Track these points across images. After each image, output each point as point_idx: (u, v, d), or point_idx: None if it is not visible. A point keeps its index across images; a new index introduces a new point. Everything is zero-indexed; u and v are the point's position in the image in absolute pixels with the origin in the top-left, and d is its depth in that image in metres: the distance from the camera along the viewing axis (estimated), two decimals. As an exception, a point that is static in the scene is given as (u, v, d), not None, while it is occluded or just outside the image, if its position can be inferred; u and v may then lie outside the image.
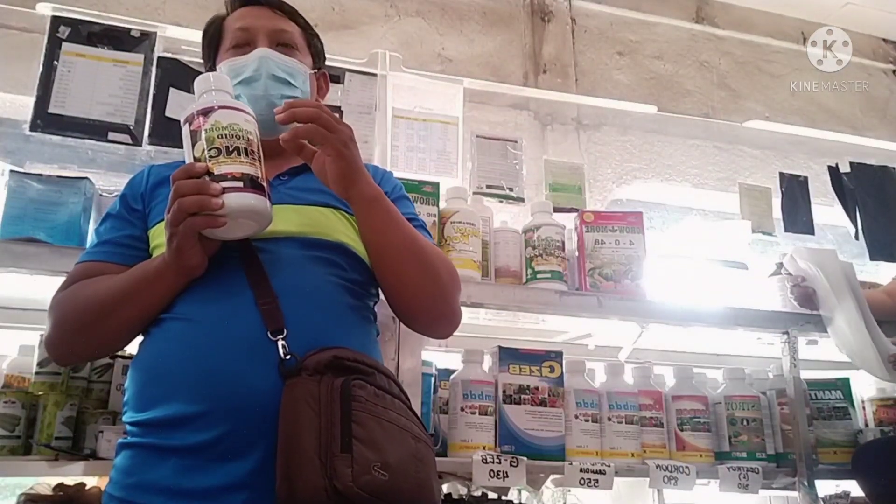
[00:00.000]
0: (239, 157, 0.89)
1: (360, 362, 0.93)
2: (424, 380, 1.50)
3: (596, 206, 2.46)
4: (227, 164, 0.88)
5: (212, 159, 0.88)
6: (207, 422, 0.89)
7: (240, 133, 0.91)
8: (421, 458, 0.92)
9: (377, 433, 0.86)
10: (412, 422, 0.95)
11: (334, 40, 2.46)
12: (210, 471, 0.87)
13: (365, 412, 0.87)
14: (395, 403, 0.94)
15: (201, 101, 0.94)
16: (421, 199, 1.64)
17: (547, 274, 1.68)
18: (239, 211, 0.88)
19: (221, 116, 0.91)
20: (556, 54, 2.81)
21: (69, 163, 1.83)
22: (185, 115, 0.94)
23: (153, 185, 1.11)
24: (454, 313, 1.12)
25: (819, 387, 1.90)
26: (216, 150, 0.89)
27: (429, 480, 0.93)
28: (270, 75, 1.11)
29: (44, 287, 1.25)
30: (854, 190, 2.40)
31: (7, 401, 1.31)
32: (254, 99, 1.10)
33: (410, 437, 0.92)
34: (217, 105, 0.92)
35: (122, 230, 1.09)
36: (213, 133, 0.90)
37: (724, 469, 1.63)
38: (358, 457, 0.82)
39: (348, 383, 0.87)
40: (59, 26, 1.77)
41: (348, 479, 0.80)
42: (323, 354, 0.90)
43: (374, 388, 0.91)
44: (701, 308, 1.79)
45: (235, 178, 0.88)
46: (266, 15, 1.17)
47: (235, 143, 0.89)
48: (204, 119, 0.91)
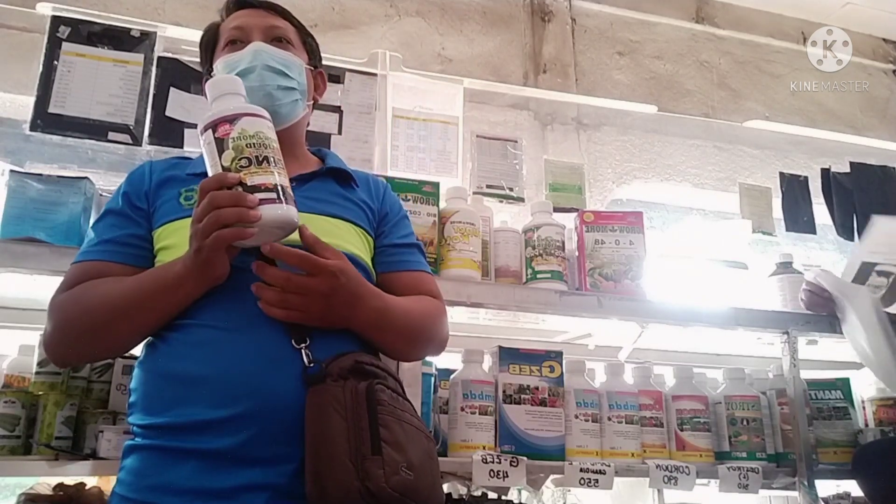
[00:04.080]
0: (269, 168, 0.88)
1: (377, 366, 0.97)
2: (424, 380, 1.50)
3: (596, 206, 2.46)
4: (259, 175, 0.87)
5: (243, 169, 0.87)
6: (232, 427, 0.89)
7: (266, 142, 0.90)
8: (433, 456, 0.97)
9: (400, 435, 0.90)
10: (422, 422, 0.99)
11: (334, 40, 2.46)
12: (232, 472, 0.88)
13: (388, 415, 0.90)
14: (407, 405, 0.98)
15: (222, 108, 0.93)
16: (421, 199, 1.64)
17: (547, 274, 1.68)
18: (273, 222, 0.87)
19: (247, 124, 0.90)
20: (556, 54, 2.81)
21: (69, 163, 1.83)
22: (205, 122, 0.92)
23: (157, 184, 1.10)
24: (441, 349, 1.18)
25: (819, 387, 1.90)
26: (247, 161, 0.88)
27: (440, 477, 0.99)
28: (266, 66, 1.12)
29: (44, 287, 1.25)
30: (852, 191, 2.40)
31: (7, 401, 1.31)
32: (250, 90, 1.10)
33: (424, 437, 0.96)
34: (241, 112, 0.91)
35: (124, 228, 1.06)
36: (241, 142, 0.89)
37: (724, 469, 1.63)
38: (388, 458, 0.86)
39: (372, 387, 0.91)
40: (59, 26, 1.77)
41: (381, 480, 0.84)
42: (345, 360, 0.93)
43: (391, 392, 0.94)
44: (701, 308, 1.79)
45: (269, 190, 0.87)
46: (260, 14, 1.19)
47: (264, 153, 0.89)
48: (230, 126, 0.89)
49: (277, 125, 0.99)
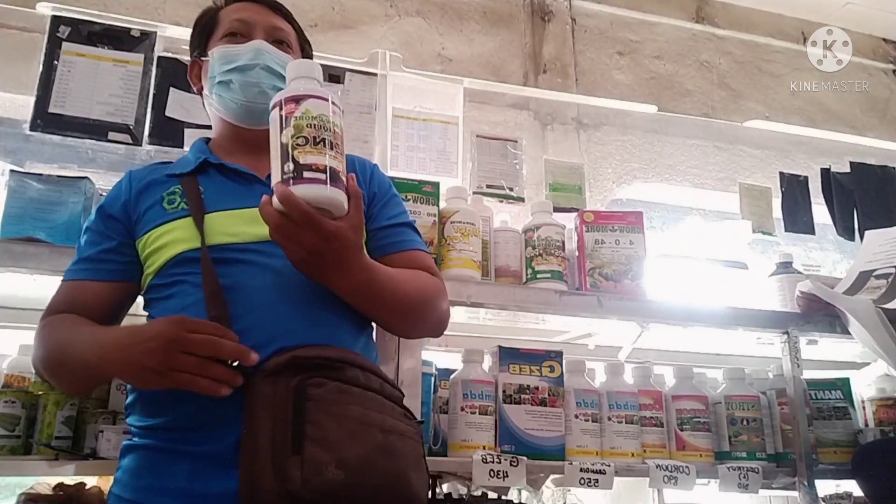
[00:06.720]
0: (324, 149, 0.90)
1: (326, 358, 0.92)
2: (424, 380, 1.50)
3: (596, 206, 2.46)
4: (312, 155, 0.89)
5: (297, 147, 0.89)
6: (222, 429, 0.89)
7: (327, 125, 0.91)
8: (392, 451, 0.91)
9: (334, 431, 0.85)
10: (386, 414, 0.94)
11: (334, 40, 2.46)
12: (225, 475, 0.87)
13: (321, 411, 0.86)
14: (364, 396, 0.92)
15: (293, 87, 0.95)
16: (421, 199, 1.64)
17: (547, 274, 1.68)
18: (315, 201, 0.88)
19: (312, 106, 0.91)
20: (556, 54, 2.81)
21: (69, 163, 1.84)
22: (275, 99, 0.94)
23: (138, 192, 1.10)
24: (440, 328, 1.14)
25: (819, 387, 1.90)
26: (303, 139, 0.89)
27: (403, 473, 0.92)
28: (266, 66, 1.13)
29: (44, 287, 1.25)
30: (852, 191, 2.40)
31: (7, 400, 1.31)
32: (246, 85, 1.11)
33: (378, 431, 0.90)
34: (308, 94, 0.93)
35: (98, 245, 1.09)
36: (302, 121, 0.90)
37: (724, 469, 1.63)
38: (309, 458, 0.82)
39: (303, 382, 0.87)
40: (59, 26, 1.77)
41: (297, 482, 0.80)
42: (282, 355, 0.90)
43: (339, 384, 0.90)
44: (701, 308, 1.79)
45: (319, 170, 0.88)
46: (264, 12, 1.19)
47: (322, 135, 0.90)
48: (295, 106, 0.91)
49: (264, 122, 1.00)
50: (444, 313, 1.14)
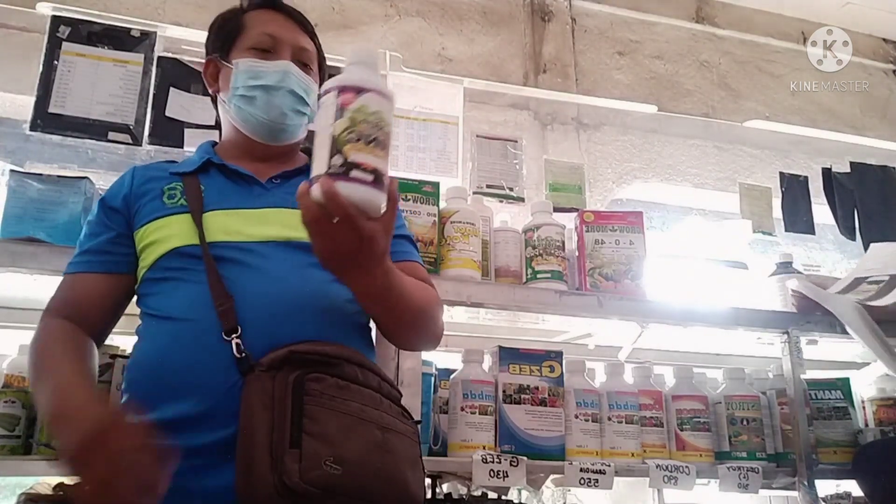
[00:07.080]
0: (375, 150, 0.86)
1: (324, 354, 0.92)
2: (424, 380, 1.50)
3: (596, 206, 2.46)
4: (363, 154, 0.85)
5: (348, 143, 0.85)
6: (209, 423, 0.89)
7: (381, 124, 0.87)
8: (389, 448, 0.91)
9: (332, 427, 0.86)
10: (384, 411, 0.94)
11: (334, 40, 2.46)
12: (219, 471, 0.87)
13: (319, 406, 0.86)
14: (362, 393, 0.92)
15: (352, 75, 0.89)
16: (421, 199, 1.64)
17: (547, 274, 1.68)
18: (360, 203, 0.85)
19: (371, 101, 0.87)
20: (556, 54, 2.81)
21: (69, 163, 1.84)
22: (332, 83, 0.88)
23: (140, 185, 1.11)
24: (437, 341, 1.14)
25: (819, 387, 1.90)
26: (356, 136, 0.85)
27: (399, 472, 0.92)
28: (290, 90, 1.14)
29: (44, 287, 1.25)
30: (853, 190, 2.40)
31: (7, 400, 1.31)
32: (269, 105, 1.12)
33: (376, 428, 0.90)
34: (370, 87, 0.87)
35: (100, 236, 1.10)
36: (357, 116, 0.86)
37: (724, 469, 1.63)
38: (307, 452, 0.82)
39: (302, 377, 0.87)
40: (59, 26, 1.77)
41: (295, 475, 0.80)
42: (280, 350, 0.90)
43: (337, 380, 0.90)
44: (701, 308, 1.79)
45: (367, 171, 0.84)
46: (291, 27, 1.19)
47: (375, 134, 0.86)
48: (353, 97, 0.86)
49: (279, 141, 1.00)
50: (442, 327, 1.15)
